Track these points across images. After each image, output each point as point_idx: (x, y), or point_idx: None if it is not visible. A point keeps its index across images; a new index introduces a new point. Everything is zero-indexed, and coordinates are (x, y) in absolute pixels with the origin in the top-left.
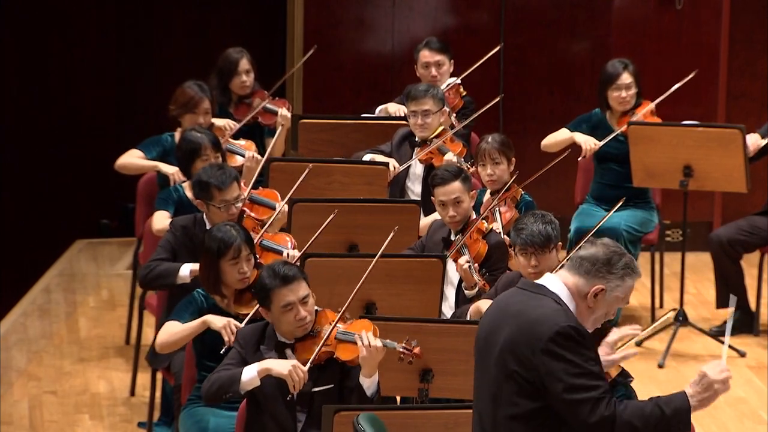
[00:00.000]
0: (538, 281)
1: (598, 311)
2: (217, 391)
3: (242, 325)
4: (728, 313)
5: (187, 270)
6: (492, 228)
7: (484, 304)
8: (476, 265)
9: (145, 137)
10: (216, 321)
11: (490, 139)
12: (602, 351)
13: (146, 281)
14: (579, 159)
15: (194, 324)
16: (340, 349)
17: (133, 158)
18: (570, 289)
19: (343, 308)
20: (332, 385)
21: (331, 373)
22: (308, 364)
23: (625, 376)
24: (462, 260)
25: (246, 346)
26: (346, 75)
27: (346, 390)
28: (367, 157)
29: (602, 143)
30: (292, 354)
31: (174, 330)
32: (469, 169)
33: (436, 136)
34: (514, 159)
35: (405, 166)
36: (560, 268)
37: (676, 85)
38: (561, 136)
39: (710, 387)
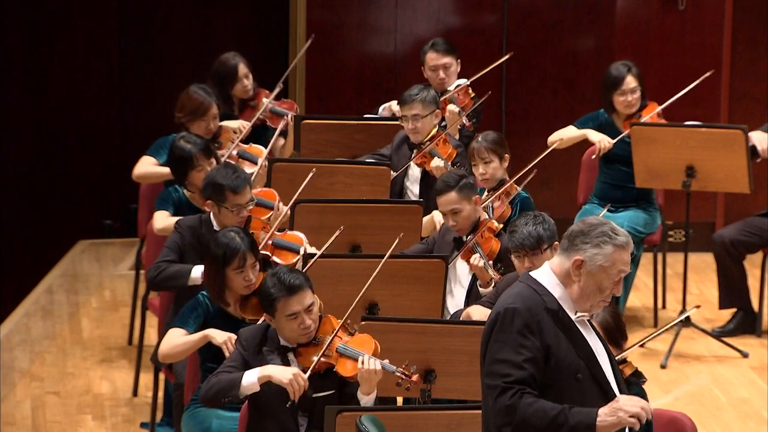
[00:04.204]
0: (531, 273)
1: (588, 287)
2: (215, 395)
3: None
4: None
5: (198, 272)
6: (501, 229)
7: (474, 310)
8: (490, 261)
9: (147, 138)
10: (217, 336)
11: (480, 138)
12: None
13: (155, 282)
14: (593, 157)
15: (195, 338)
16: (341, 364)
17: (149, 167)
18: (556, 272)
19: (344, 318)
20: (333, 391)
21: (332, 380)
22: (308, 373)
23: (638, 376)
24: (474, 258)
25: (248, 348)
26: (348, 76)
27: (346, 396)
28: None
29: (615, 141)
30: (295, 358)
31: (176, 342)
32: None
33: (430, 139)
34: (507, 156)
35: (402, 169)
36: None
37: (688, 88)
38: (571, 132)
39: (615, 413)
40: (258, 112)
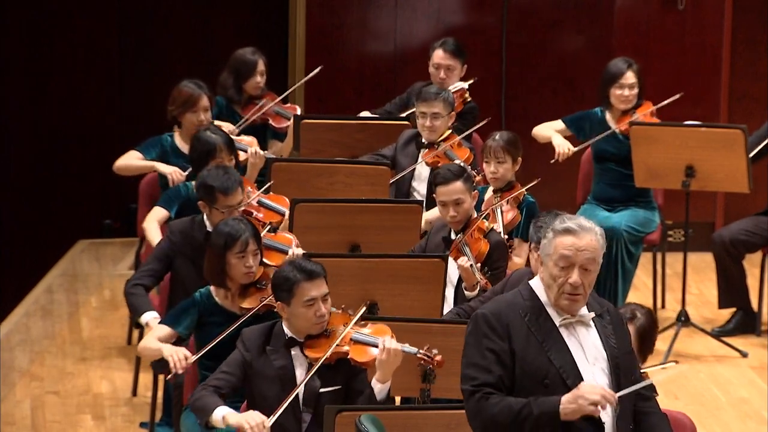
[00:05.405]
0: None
1: (545, 279)
2: (196, 411)
3: (197, 355)
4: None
5: (145, 320)
6: (492, 227)
7: None
8: (478, 264)
9: (148, 137)
10: (165, 349)
11: (497, 137)
12: None
13: (125, 296)
14: (551, 162)
15: (154, 348)
16: (355, 351)
17: (131, 159)
18: (541, 277)
19: (360, 311)
20: (340, 387)
21: (339, 375)
22: (319, 363)
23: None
24: (463, 260)
25: (251, 349)
26: (348, 76)
27: (353, 392)
28: None
29: (576, 149)
30: (300, 352)
31: (148, 345)
32: (475, 176)
33: (443, 140)
34: (520, 159)
35: (410, 168)
36: None
37: (677, 95)
38: (547, 131)
39: (575, 401)
40: (261, 108)
